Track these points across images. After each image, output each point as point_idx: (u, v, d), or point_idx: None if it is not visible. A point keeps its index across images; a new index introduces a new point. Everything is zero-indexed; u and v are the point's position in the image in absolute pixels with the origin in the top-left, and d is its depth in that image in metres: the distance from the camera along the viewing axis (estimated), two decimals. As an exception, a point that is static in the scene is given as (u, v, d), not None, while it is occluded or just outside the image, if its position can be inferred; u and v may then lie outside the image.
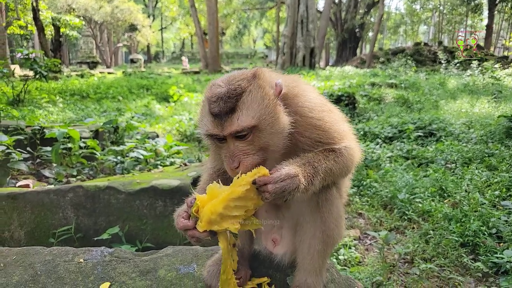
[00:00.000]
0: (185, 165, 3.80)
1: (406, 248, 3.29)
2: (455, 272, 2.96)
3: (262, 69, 1.24)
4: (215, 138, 1.19)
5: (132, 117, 8.66)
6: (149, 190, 2.81)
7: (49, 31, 21.27)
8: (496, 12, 33.47)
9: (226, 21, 42.49)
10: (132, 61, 28.50)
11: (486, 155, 5.39)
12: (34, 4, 17.07)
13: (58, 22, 21.31)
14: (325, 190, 1.29)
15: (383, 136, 7.17)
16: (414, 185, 4.47)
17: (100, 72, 21.36)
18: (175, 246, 1.78)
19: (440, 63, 19.78)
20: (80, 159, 4.26)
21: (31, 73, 11.24)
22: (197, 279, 1.54)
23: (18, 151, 3.91)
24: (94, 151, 4.32)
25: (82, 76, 18.14)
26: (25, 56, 10.71)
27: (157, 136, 7.01)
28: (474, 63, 15.43)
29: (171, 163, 4.70)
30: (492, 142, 6.09)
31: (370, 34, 39.09)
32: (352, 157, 1.31)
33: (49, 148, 4.16)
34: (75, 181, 3.90)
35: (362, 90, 11.80)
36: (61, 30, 22.08)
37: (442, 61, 18.88)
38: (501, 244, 3.20)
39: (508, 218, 3.50)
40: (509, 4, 31.66)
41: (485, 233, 3.30)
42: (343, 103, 9.34)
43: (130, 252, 1.74)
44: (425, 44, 28.92)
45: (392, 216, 4.03)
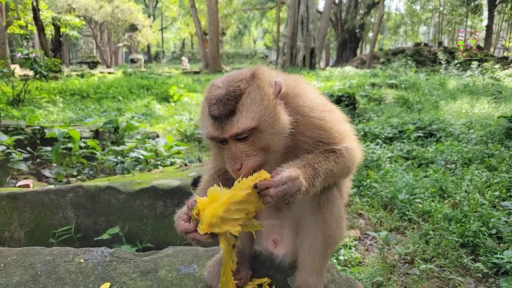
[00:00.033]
0: (185, 165, 3.80)
1: (406, 248, 3.29)
2: (455, 273, 2.96)
3: (261, 68, 1.22)
4: (216, 140, 1.19)
5: (132, 117, 8.65)
6: (150, 190, 2.81)
7: (49, 31, 21.28)
8: (496, 12, 33.50)
9: (226, 21, 42.50)
10: (132, 61, 28.50)
11: (486, 156, 5.39)
12: (34, 3, 17.06)
13: (58, 22, 21.31)
14: (326, 190, 1.28)
15: (383, 136, 7.17)
16: (414, 185, 4.48)
17: (100, 72, 21.36)
18: (176, 247, 1.78)
19: (440, 63, 19.80)
20: (80, 159, 4.26)
21: (31, 73, 11.25)
22: (198, 280, 1.54)
23: (18, 151, 3.91)
24: (94, 151, 4.31)
25: (82, 76, 18.13)
26: (25, 56, 10.72)
27: (157, 136, 7.01)
28: (474, 64, 15.44)
29: (172, 163, 4.70)
30: (492, 142, 6.09)
31: (370, 34, 39.09)
32: (353, 157, 1.30)
33: (49, 148, 4.16)
34: (75, 181, 3.90)
35: (362, 90, 11.80)
36: (61, 30, 22.09)
37: (442, 62, 18.90)
38: (501, 244, 3.20)
39: (508, 219, 3.50)
40: (509, 5, 31.68)
41: (485, 233, 3.30)
42: (343, 104, 9.34)
43: (130, 252, 1.74)
44: (425, 45, 28.93)
45: (392, 216, 4.03)
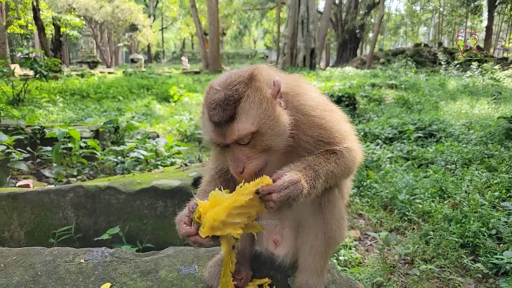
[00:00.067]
0: (185, 165, 3.80)
1: (406, 249, 3.29)
2: (455, 273, 2.96)
3: (260, 68, 1.21)
4: (218, 145, 1.20)
5: (132, 117, 8.65)
6: (150, 190, 2.81)
7: (50, 31, 21.26)
8: (495, 13, 33.53)
9: (226, 21, 42.51)
10: (132, 61, 28.50)
11: (486, 156, 5.39)
12: (34, 3, 17.05)
13: (58, 21, 21.30)
14: (328, 191, 1.28)
15: (383, 137, 7.18)
16: (414, 186, 4.48)
17: (100, 72, 21.35)
18: (176, 247, 1.78)
19: (440, 64, 19.81)
20: (80, 159, 4.26)
21: (31, 73, 11.23)
22: (198, 280, 1.54)
23: (18, 150, 3.91)
24: (95, 151, 4.31)
25: (82, 75, 18.12)
26: (25, 56, 10.71)
27: (158, 136, 7.00)
28: (474, 64, 15.45)
29: (172, 163, 4.69)
30: (492, 143, 6.09)
31: (371, 35, 39.11)
32: (353, 158, 1.30)
33: (49, 148, 4.15)
34: (75, 181, 3.89)
35: (362, 91, 11.81)
36: (62, 29, 22.08)
37: (442, 62, 18.91)
38: (501, 245, 3.21)
39: (508, 219, 3.50)
40: (508, 6, 31.71)
41: (485, 234, 3.30)
42: (343, 104, 9.34)
43: (131, 252, 1.74)
44: (425, 45, 28.93)
45: (392, 216, 4.03)
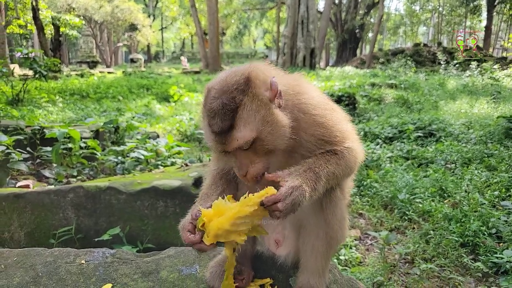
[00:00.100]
0: (186, 165, 3.79)
1: (406, 248, 3.30)
2: (455, 272, 2.96)
3: (257, 69, 1.18)
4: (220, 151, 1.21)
5: (132, 117, 8.64)
6: (150, 190, 2.81)
7: (49, 31, 21.20)
8: (494, 13, 33.54)
9: (226, 21, 42.47)
10: (132, 60, 28.43)
11: (486, 156, 5.40)
12: (33, 3, 17.01)
13: (58, 21, 21.24)
14: (329, 192, 1.28)
15: (383, 136, 7.18)
16: (414, 185, 4.48)
17: (100, 72, 21.32)
18: (177, 247, 1.78)
19: (439, 63, 19.82)
20: (80, 159, 4.25)
21: (30, 73, 11.21)
22: (200, 280, 1.54)
23: (18, 151, 3.90)
24: (95, 151, 4.30)
25: (82, 75, 18.09)
26: (24, 56, 10.67)
27: (158, 136, 7.00)
28: (473, 64, 15.46)
29: (172, 164, 4.69)
30: (492, 142, 6.10)
31: (370, 34, 39.11)
32: (354, 158, 1.30)
33: (49, 148, 4.14)
34: (75, 181, 3.89)
35: (362, 90, 11.81)
36: (61, 29, 22.02)
37: (442, 62, 18.92)
38: (501, 244, 3.21)
39: (508, 218, 3.51)
40: (507, 6, 31.73)
41: (485, 233, 3.30)
42: (343, 103, 9.33)
43: (132, 253, 1.73)
44: (425, 45, 28.91)
45: (392, 216, 4.04)
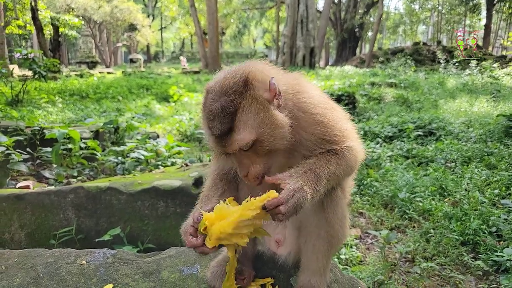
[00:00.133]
0: (186, 165, 3.79)
1: (407, 247, 3.30)
2: (456, 271, 2.97)
3: (256, 70, 1.17)
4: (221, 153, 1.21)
5: (132, 117, 8.63)
6: (151, 190, 2.81)
7: (48, 31, 21.16)
8: (494, 12, 33.50)
9: (226, 20, 42.42)
10: (131, 61, 28.42)
11: (486, 154, 5.40)
12: (32, 3, 16.98)
13: (57, 21, 21.21)
14: (330, 191, 1.28)
15: (383, 135, 7.18)
16: (415, 184, 4.48)
17: (99, 72, 21.28)
18: (178, 247, 1.77)
19: (439, 62, 19.80)
20: (80, 159, 4.25)
21: (30, 73, 11.20)
22: (201, 280, 1.54)
23: (18, 152, 3.90)
24: (95, 152, 4.30)
25: (81, 76, 18.07)
26: (23, 56, 10.65)
27: (158, 136, 7.00)
28: (473, 63, 15.44)
29: (172, 164, 4.69)
30: (491, 141, 6.10)
31: (370, 33, 39.11)
32: (355, 157, 1.30)
33: (49, 149, 4.14)
34: (75, 182, 3.89)
35: (362, 89, 11.81)
36: (60, 29, 21.98)
37: (441, 61, 18.89)
38: (501, 242, 3.21)
39: (508, 217, 3.51)
40: (507, 4, 31.71)
41: (485, 231, 3.31)
42: (343, 103, 9.33)
43: (132, 253, 1.73)
44: (424, 44, 28.91)
45: (392, 215, 4.04)
